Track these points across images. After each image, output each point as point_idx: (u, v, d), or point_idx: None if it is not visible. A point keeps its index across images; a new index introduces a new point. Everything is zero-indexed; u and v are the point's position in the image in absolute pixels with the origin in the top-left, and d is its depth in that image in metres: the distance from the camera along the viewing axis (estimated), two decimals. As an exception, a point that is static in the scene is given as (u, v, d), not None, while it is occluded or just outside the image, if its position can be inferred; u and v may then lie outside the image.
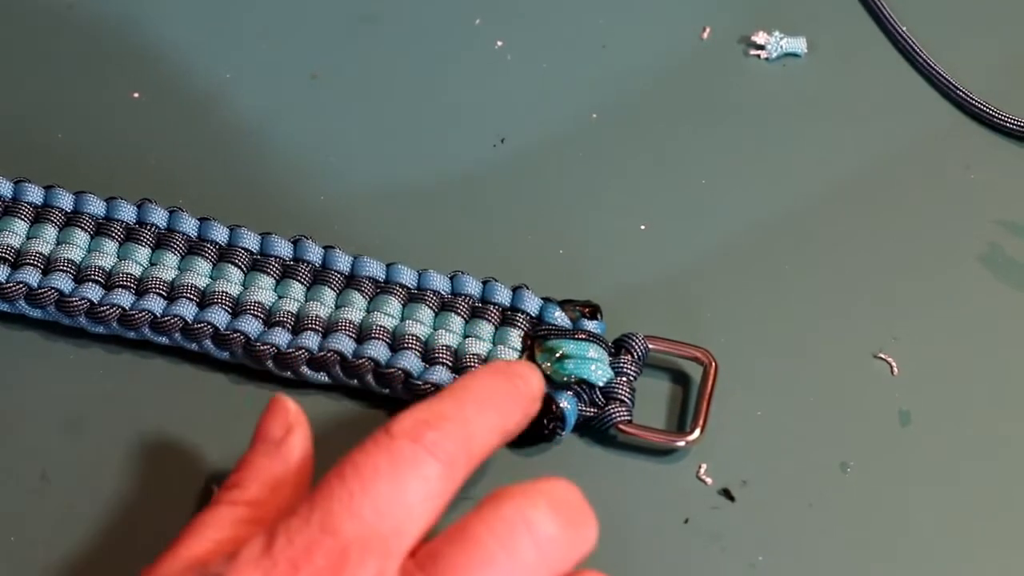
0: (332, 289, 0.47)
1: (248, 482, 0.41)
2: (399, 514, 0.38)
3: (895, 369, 0.48)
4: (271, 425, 0.42)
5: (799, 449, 0.46)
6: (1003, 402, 0.48)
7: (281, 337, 0.46)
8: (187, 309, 0.46)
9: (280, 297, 0.47)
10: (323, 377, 0.46)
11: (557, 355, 0.46)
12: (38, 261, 0.47)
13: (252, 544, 0.37)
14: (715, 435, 0.46)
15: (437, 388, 0.45)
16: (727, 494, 0.45)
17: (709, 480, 0.46)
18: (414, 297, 0.47)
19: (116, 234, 0.48)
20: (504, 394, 0.42)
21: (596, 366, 0.46)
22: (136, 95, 0.53)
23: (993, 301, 0.49)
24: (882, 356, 0.48)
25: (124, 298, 0.46)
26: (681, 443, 0.45)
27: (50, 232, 0.48)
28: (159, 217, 0.48)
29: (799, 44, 0.54)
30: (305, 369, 0.46)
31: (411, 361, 0.46)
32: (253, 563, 0.37)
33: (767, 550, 0.45)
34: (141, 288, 0.47)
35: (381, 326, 0.46)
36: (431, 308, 0.47)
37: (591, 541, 0.39)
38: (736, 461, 0.46)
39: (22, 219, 0.48)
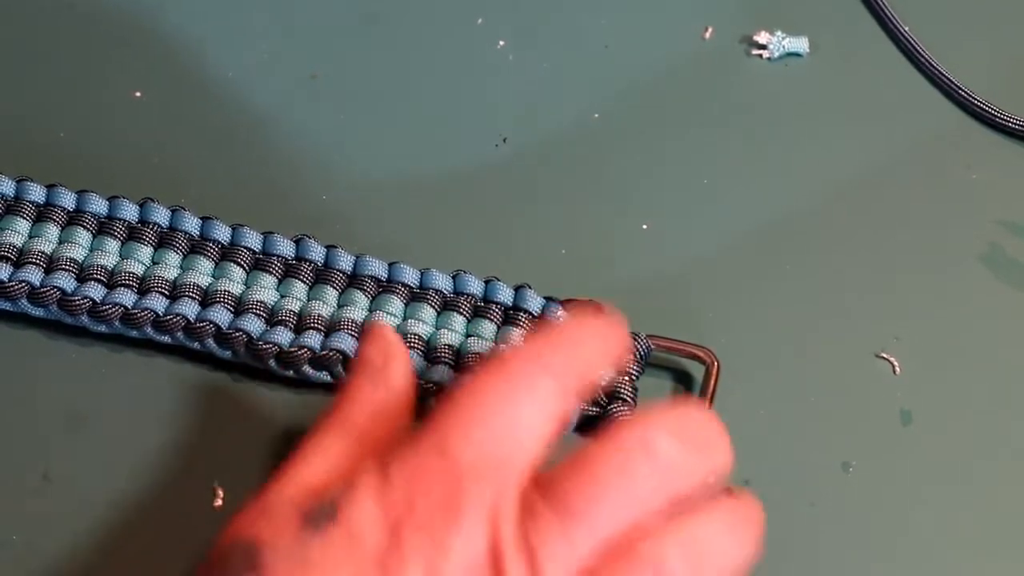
0: (334, 288, 0.47)
1: (353, 409, 0.41)
2: (514, 436, 0.37)
3: (897, 369, 0.48)
4: (372, 352, 0.42)
5: (801, 448, 0.46)
6: (1004, 401, 0.48)
7: (283, 336, 0.46)
8: (189, 308, 0.46)
9: (282, 296, 0.47)
10: (325, 376, 0.46)
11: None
12: (40, 260, 0.47)
13: (367, 472, 0.37)
14: (717, 435, 0.46)
15: (439, 387, 0.45)
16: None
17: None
18: (416, 296, 0.47)
19: (118, 233, 0.48)
20: (604, 326, 0.41)
21: (597, 365, 0.46)
22: (138, 94, 0.53)
23: (994, 301, 0.49)
24: (884, 356, 0.48)
25: (126, 297, 0.46)
26: (682, 443, 0.45)
27: (52, 231, 0.48)
28: (161, 216, 0.48)
29: (801, 44, 0.54)
30: (307, 368, 0.46)
31: (414, 360, 0.46)
32: (370, 491, 0.37)
33: (768, 550, 0.45)
34: (143, 287, 0.47)
35: (383, 325, 0.46)
36: (433, 307, 0.47)
37: (721, 462, 0.39)
38: (738, 460, 0.45)
39: (24, 218, 0.48)
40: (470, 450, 0.37)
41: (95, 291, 0.46)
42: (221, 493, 0.45)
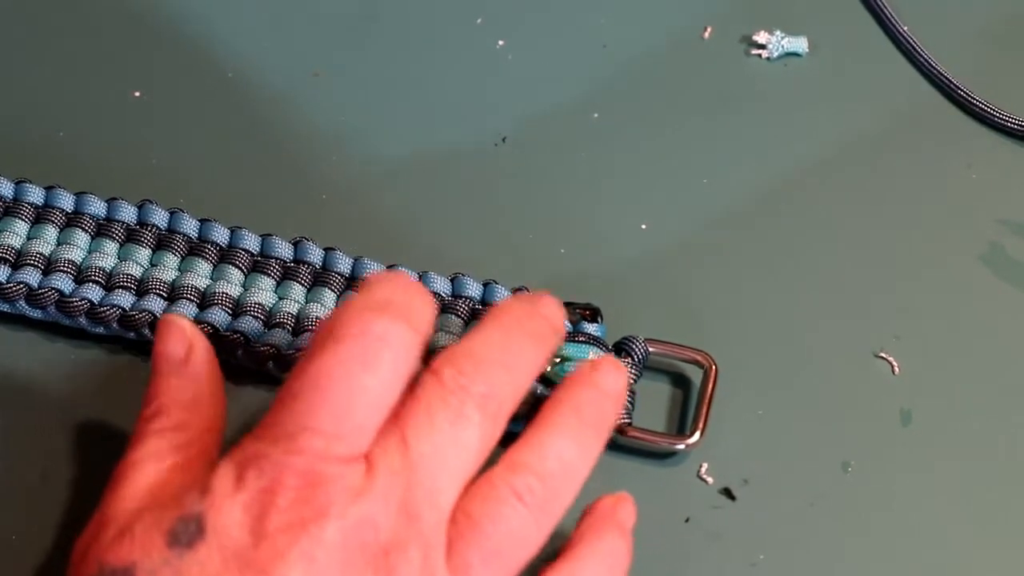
0: (333, 291, 0.47)
1: (167, 407, 0.40)
2: (361, 404, 0.37)
3: (896, 368, 0.48)
4: (170, 346, 0.41)
5: (800, 448, 0.46)
6: (1004, 401, 0.48)
7: (281, 338, 0.46)
8: (188, 310, 0.46)
9: (280, 298, 0.47)
10: (324, 377, 0.46)
11: (557, 358, 0.46)
12: (39, 262, 0.47)
13: (220, 476, 0.37)
14: (716, 434, 0.46)
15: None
16: (728, 493, 0.45)
17: (710, 479, 0.46)
18: (415, 298, 0.47)
19: (117, 235, 0.48)
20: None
21: (596, 366, 0.46)
22: (137, 94, 0.53)
23: (994, 301, 0.49)
24: (883, 355, 0.48)
25: (124, 299, 0.46)
26: (681, 446, 0.45)
27: (51, 233, 0.48)
28: (160, 218, 0.48)
29: (800, 44, 0.54)
30: (306, 369, 0.46)
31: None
32: (229, 496, 0.36)
33: (768, 549, 0.45)
34: (141, 289, 0.47)
35: (382, 326, 0.46)
36: (432, 309, 0.47)
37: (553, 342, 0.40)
38: (737, 460, 0.46)
39: (23, 219, 0.48)
40: (317, 438, 0.36)
41: (93, 293, 0.46)
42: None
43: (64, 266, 0.47)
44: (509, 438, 0.40)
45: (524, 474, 0.38)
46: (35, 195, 0.48)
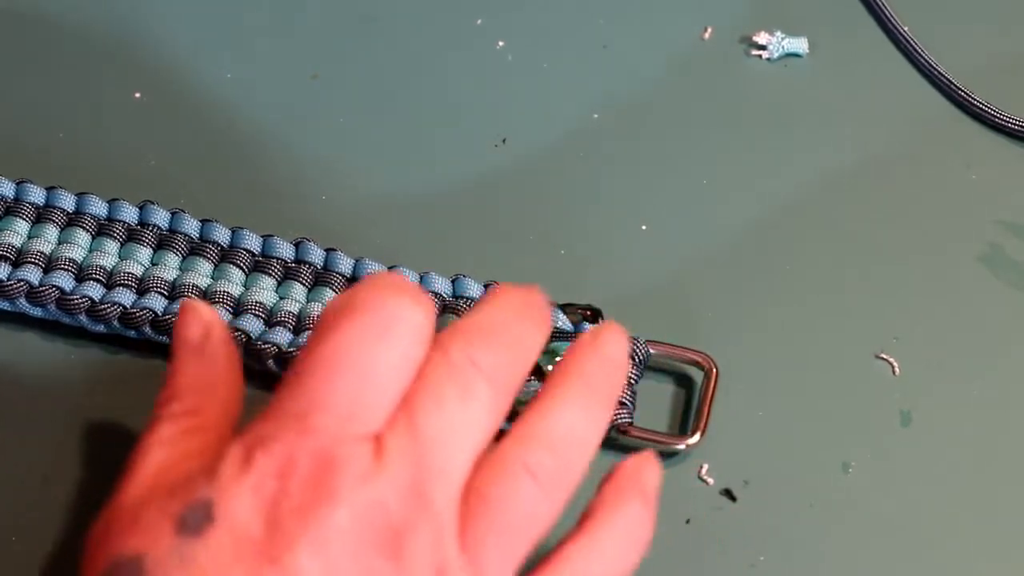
0: (334, 291, 0.47)
1: (182, 391, 0.39)
2: (373, 384, 0.36)
3: (896, 369, 0.48)
4: (189, 329, 0.40)
5: (800, 449, 0.46)
6: (1004, 402, 0.48)
7: (282, 336, 0.46)
8: (188, 309, 0.46)
9: (282, 298, 0.47)
10: (324, 377, 0.46)
11: (558, 358, 0.46)
12: (39, 260, 0.47)
13: (228, 460, 0.36)
14: (717, 435, 0.46)
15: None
16: (729, 494, 0.45)
17: (711, 480, 0.46)
18: (415, 298, 0.47)
19: (117, 234, 0.48)
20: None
21: (596, 367, 0.46)
22: (137, 95, 0.53)
23: (993, 301, 0.49)
24: (883, 356, 0.48)
25: (125, 296, 0.46)
26: (681, 446, 0.45)
27: (51, 232, 0.48)
28: (161, 218, 0.48)
29: (800, 44, 0.54)
30: (306, 369, 0.46)
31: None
32: (238, 480, 0.35)
33: (768, 550, 0.45)
34: (142, 287, 0.47)
35: (382, 326, 0.46)
36: (432, 310, 0.47)
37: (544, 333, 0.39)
38: (738, 461, 0.46)
39: (24, 219, 0.48)
40: (330, 418, 0.36)
41: (94, 291, 0.46)
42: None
43: (65, 264, 0.47)
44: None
45: (534, 447, 0.38)
46: (36, 195, 0.48)
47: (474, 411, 0.37)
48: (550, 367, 0.46)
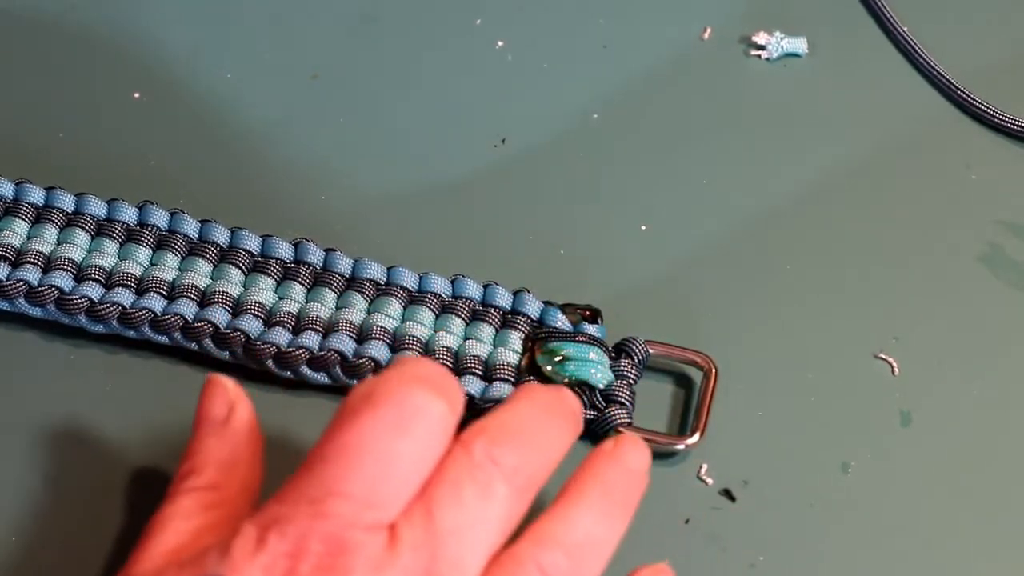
0: (333, 291, 0.47)
1: (202, 466, 0.40)
2: (392, 475, 0.36)
3: (896, 369, 0.48)
4: (213, 405, 0.41)
5: (800, 449, 0.46)
6: (1004, 402, 0.48)
7: (281, 337, 0.46)
8: (187, 308, 0.46)
9: (281, 298, 0.47)
10: (323, 378, 0.46)
11: (558, 357, 0.46)
12: (38, 260, 0.47)
13: (242, 537, 0.36)
14: (716, 435, 0.46)
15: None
16: (728, 494, 0.45)
17: (710, 480, 0.46)
18: (415, 299, 0.47)
19: (117, 235, 0.48)
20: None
21: (596, 368, 0.46)
22: (137, 95, 0.53)
23: (994, 301, 0.49)
24: (883, 356, 0.48)
25: (124, 296, 0.46)
26: (680, 446, 0.45)
27: (51, 232, 0.48)
28: (160, 218, 0.48)
29: (800, 44, 0.54)
30: (305, 369, 0.46)
31: (412, 361, 0.46)
32: (249, 560, 0.35)
33: (768, 550, 0.45)
34: (141, 287, 0.47)
35: (382, 327, 0.46)
36: (432, 310, 0.47)
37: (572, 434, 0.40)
38: (737, 461, 0.46)
39: (23, 219, 0.48)
40: (346, 504, 0.36)
41: (93, 291, 0.46)
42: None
43: (64, 264, 0.47)
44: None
45: (550, 549, 0.38)
46: (35, 195, 0.48)
47: (492, 510, 0.37)
48: (549, 367, 0.46)
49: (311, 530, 0.35)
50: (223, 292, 0.47)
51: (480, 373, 0.46)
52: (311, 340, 0.46)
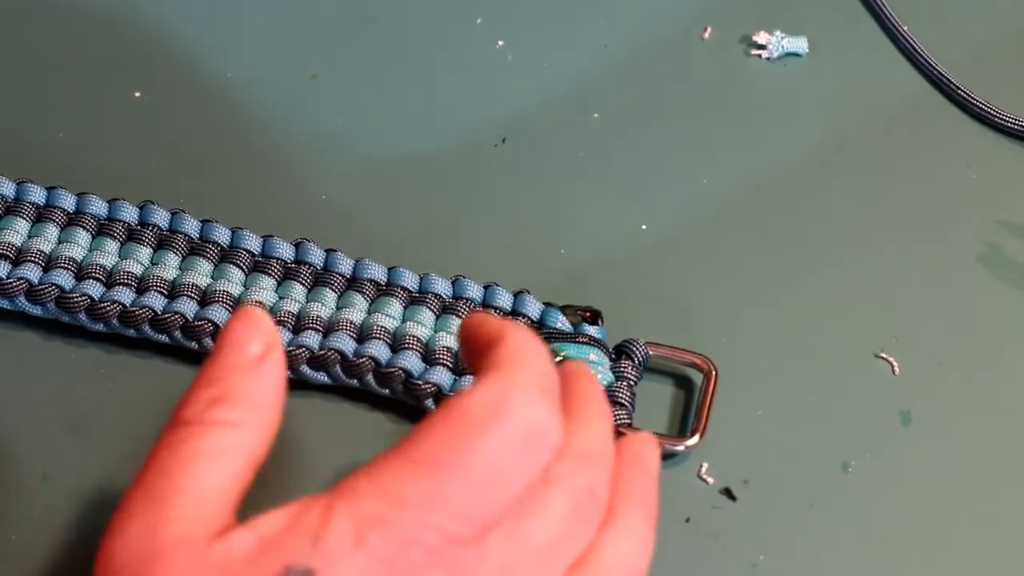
0: (333, 291, 0.47)
1: (232, 399, 0.35)
2: (492, 480, 0.34)
3: (896, 369, 0.48)
4: (248, 335, 0.36)
5: (800, 449, 0.46)
6: (1004, 401, 0.48)
7: (282, 336, 0.46)
8: (188, 307, 0.46)
9: (281, 298, 0.47)
10: (323, 377, 0.46)
11: (558, 358, 0.46)
12: (39, 258, 0.47)
13: (337, 533, 0.33)
14: (716, 435, 0.46)
15: (437, 388, 0.45)
16: (728, 494, 0.45)
17: (710, 479, 0.46)
18: (415, 300, 0.47)
19: (117, 234, 0.48)
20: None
21: (597, 370, 0.46)
22: (137, 95, 0.53)
23: (994, 301, 0.49)
24: (883, 356, 0.48)
25: (124, 295, 0.46)
26: (680, 447, 0.45)
27: (52, 231, 0.48)
28: (160, 218, 0.48)
29: (800, 44, 0.54)
30: (305, 368, 0.46)
31: (412, 361, 0.46)
32: (348, 559, 0.33)
33: (768, 550, 0.45)
34: (142, 286, 0.47)
35: (382, 327, 0.46)
36: (432, 311, 0.47)
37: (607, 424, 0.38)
38: (737, 461, 0.46)
39: (24, 218, 0.48)
40: (453, 519, 0.34)
41: (93, 289, 0.46)
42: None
43: (64, 263, 0.47)
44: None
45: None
46: (36, 195, 0.48)
47: (577, 532, 0.36)
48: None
49: (416, 540, 0.33)
50: (223, 291, 0.47)
51: (480, 373, 0.46)
52: (311, 339, 0.46)
